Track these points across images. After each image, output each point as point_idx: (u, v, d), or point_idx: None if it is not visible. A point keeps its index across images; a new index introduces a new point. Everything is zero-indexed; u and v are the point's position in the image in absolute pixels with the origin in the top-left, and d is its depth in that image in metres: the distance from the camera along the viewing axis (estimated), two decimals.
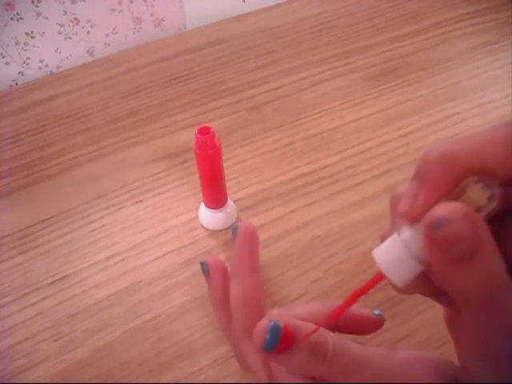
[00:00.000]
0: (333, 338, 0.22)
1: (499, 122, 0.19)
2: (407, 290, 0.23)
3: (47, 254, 0.47)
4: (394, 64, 0.66)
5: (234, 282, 0.26)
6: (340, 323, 0.25)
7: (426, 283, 0.22)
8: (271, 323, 0.22)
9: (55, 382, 0.39)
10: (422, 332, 0.39)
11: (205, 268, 0.28)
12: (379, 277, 0.21)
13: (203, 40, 0.72)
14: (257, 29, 0.73)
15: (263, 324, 0.22)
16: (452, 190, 0.19)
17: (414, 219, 0.19)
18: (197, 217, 0.49)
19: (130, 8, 0.71)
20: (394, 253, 0.19)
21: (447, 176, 0.18)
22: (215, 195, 0.46)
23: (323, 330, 0.23)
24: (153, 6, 0.73)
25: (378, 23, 0.73)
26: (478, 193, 0.18)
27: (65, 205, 0.51)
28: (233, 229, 0.27)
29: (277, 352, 0.21)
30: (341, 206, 0.49)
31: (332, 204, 0.49)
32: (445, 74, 0.63)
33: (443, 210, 0.17)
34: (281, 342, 0.21)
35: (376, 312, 0.27)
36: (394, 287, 0.23)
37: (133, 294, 0.44)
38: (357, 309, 0.26)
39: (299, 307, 0.26)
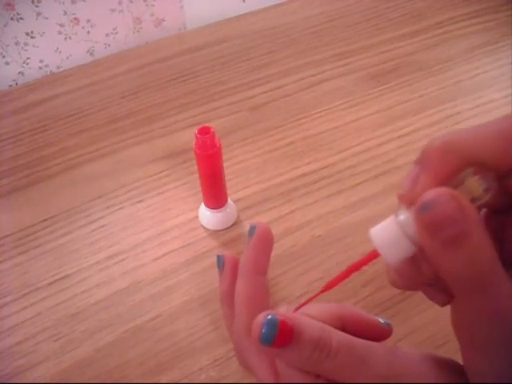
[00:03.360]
0: (336, 334, 0.22)
1: (503, 115, 0.19)
2: (398, 281, 0.23)
3: (47, 254, 0.47)
4: (394, 64, 0.66)
5: (240, 280, 0.26)
6: (348, 328, 0.25)
7: (416, 271, 0.22)
8: (268, 316, 0.22)
9: (55, 382, 0.39)
10: (423, 331, 0.39)
11: (220, 262, 0.28)
12: (373, 253, 0.21)
13: (203, 40, 0.72)
14: (257, 29, 0.73)
15: (261, 317, 0.22)
16: (451, 179, 0.19)
17: (411, 202, 0.20)
18: (197, 217, 0.49)
19: (129, 8, 0.71)
20: (390, 232, 0.20)
21: (447, 164, 0.19)
22: (215, 195, 0.46)
23: (327, 326, 0.23)
24: (153, 5, 0.73)
25: (378, 23, 0.73)
26: (474, 184, 0.18)
27: (65, 205, 0.51)
28: (250, 228, 0.27)
29: (275, 346, 0.21)
30: (341, 206, 0.49)
31: (332, 204, 0.49)
32: (445, 74, 0.63)
33: (431, 192, 0.18)
34: (278, 335, 0.21)
35: (385, 321, 0.26)
36: (390, 280, 0.23)
37: (133, 293, 0.44)
38: (366, 315, 0.26)
39: (309, 306, 0.26)
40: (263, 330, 0.21)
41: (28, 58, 0.69)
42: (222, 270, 0.28)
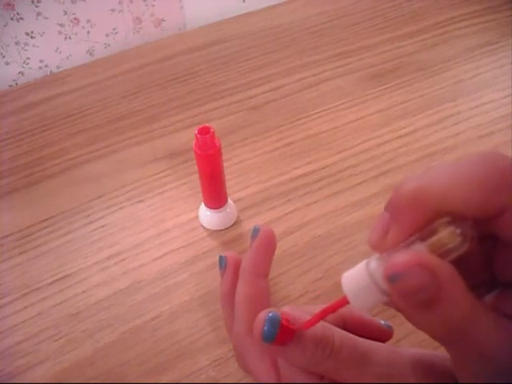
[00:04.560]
0: (339, 333, 0.22)
1: (463, 158, 0.18)
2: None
3: (47, 254, 0.47)
4: (394, 64, 0.66)
5: (241, 281, 0.26)
6: (350, 329, 0.25)
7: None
8: (270, 314, 0.22)
9: (55, 382, 0.39)
10: (422, 332, 0.39)
11: (223, 262, 0.28)
12: (343, 301, 0.21)
13: (203, 40, 0.72)
14: (257, 29, 0.73)
15: (262, 315, 0.22)
16: (423, 228, 0.18)
17: (382, 251, 0.19)
18: (197, 217, 0.49)
19: (130, 8, 0.71)
20: (360, 280, 0.20)
21: (418, 215, 0.18)
22: (215, 195, 0.46)
23: (329, 325, 0.23)
24: (153, 5, 0.73)
25: (378, 23, 0.73)
26: (449, 235, 0.17)
27: (65, 205, 0.51)
28: (253, 230, 0.27)
29: (277, 343, 0.21)
30: (341, 206, 0.49)
31: (332, 204, 0.49)
32: (445, 74, 0.63)
33: (400, 263, 0.17)
34: (280, 332, 0.21)
35: (386, 323, 0.27)
36: None
37: (133, 293, 0.44)
38: (368, 317, 0.26)
39: (311, 307, 0.26)
40: (265, 328, 0.21)
41: (28, 58, 0.69)
42: (224, 271, 0.28)
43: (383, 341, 0.25)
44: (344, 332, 0.23)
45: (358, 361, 0.22)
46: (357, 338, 0.23)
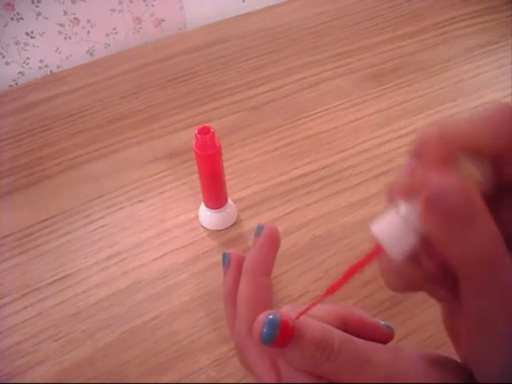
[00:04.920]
0: (339, 335, 0.22)
1: (495, 104, 0.20)
2: (395, 282, 0.23)
3: (47, 254, 0.47)
4: (394, 64, 0.66)
5: (244, 280, 0.26)
6: (351, 330, 0.24)
7: (415, 269, 0.22)
8: (270, 316, 0.22)
9: (55, 382, 0.39)
10: (422, 332, 0.39)
11: (226, 260, 0.28)
12: (377, 250, 0.21)
13: (203, 40, 0.72)
14: (257, 29, 0.73)
15: (262, 317, 0.22)
16: (448, 167, 0.19)
17: (412, 193, 0.20)
18: (197, 217, 0.49)
19: (130, 8, 0.71)
20: (394, 226, 0.20)
21: (445, 151, 0.19)
22: (215, 195, 0.46)
23: (329, 327, 0.22)
24: (153, 5, 0.73)
25: (378, 23, 0.73)
26: (471, 170, 0.19)
27: (65, 205, 0.51)
28: (257, 228, 0.27)
29: (276, 345, 0.21)
30: (341, 206, 0.49)
31: (332, 204, 0.49)
32: (445, 74, 0.63)
33: (438, 182, 0.18)
34: (279, 334, 0.21)
35: (387, 325, 0.26)
36: (386, 281, 0.23)
37: (133, 293, 0.44)
38: (369, 318, 0.26)
39: (317, 307, 0.26)
40: (264, 330, 0.21)
41: (28, 58, 0.69)
42: (227, 269, 0.28)
43: (384, 342, 0.25)
44: (344, 334, 0.23)
45: (358, 362, 0.22)
46: (357, 339, 0.23)
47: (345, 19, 0.74)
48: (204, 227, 0.48)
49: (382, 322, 0.26)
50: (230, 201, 0.48)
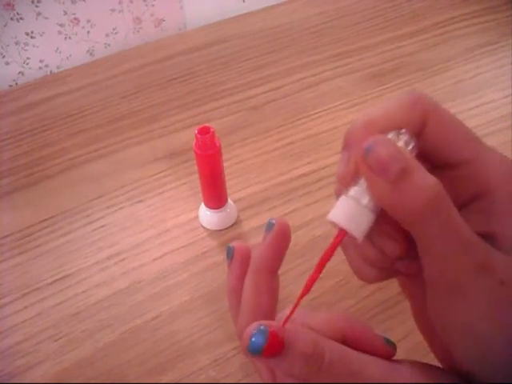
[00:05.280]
0: (331, 347, 0.22)
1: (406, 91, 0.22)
2: (365, 270, 0.24)
3: (47, 254, 0.47)
4: (394, 64, 0.66)
5: (250, 277, 0.26)
6: (349, 343, 0.24)
7: (380, 252, 0.23)
8: (261, 327, 0.21)
9: (55, 382, 0.39)
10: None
11: (230, 253, 0.27)
12: (341, 234, 0.22)
13: (203, 40, 0.72)
14: (257, 29, 0.73)
15: (251, 328, 0.21)
16: None
17: (352, 180, 0.21)
18: (197, 217, 0.49)
19: (130, 8, 0.71)
20: (348, 208, 0.21)
21: (369, 135, 0.21)
22: (215, 195, 0.46)
23: (322, 339, 0.22)
24: (153, 5, 0.73)
25: (378, 23, 0.73)
26: (395, 141, 0.21)
27: (65, 205, 0.51)
28: (268, 224, 0.26)
29: (264, 356, 0.21)
30: None
31: (332, 204, 0.49)
32: (445, 74, 0.63)
33: (370, 138, 0.20)
34: (267, 347, 0.21)
35: (389, 341, 0.26)
36: (358, 275, 0.24)
37: (133, 293, 0.44)
38: (370, 332, 0.25)
39: (312, 314, 0.26)
40: (253, 340, 0.21)
41: (28, 58, 0.69)
42: (231, 263, 0.27)
43: (384, 358, 0.25)
44: (337, 346, 0.22)
45: (349, 377, 0.21)
46: (351, 352, 0.22)
47: (345, 19, 0.74)
48: (204, 227, 0.48)
49: (385, 338, 0.25)
50: (229, 201, 0.48)
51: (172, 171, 0.54)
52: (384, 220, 0.21)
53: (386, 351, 0.25)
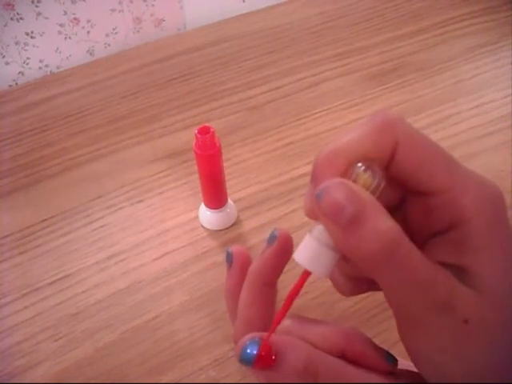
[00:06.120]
0: (326, 362, 0.22)
1: (373, 112, 0.22)
2: (348, 290, 0.24)
3: (47, 254, 0.47)
4: (394, 64, 0.66)
5: (247, 286, 0.25)
6: (349, 358, 0.24)
7: (347, 277, 0.23)
8: (254, 339, 0.21)
9: (55, 382, 0.39)
10: None
11: (229, 258, 0.27)
12: (305, 274, 0.22)
13: (203, 40, 0.72)
14: (257, 29, 0.73)
15: (245, 339, 0.21)
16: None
17: (316, 217, 0.21)
18: (197, 217, 0.49)
19: (130, 8, 0.71)
20: (311, 249, 0.22)
21: (334, 170, 0.20)
22: (215, 195, 0.46)
23: (317, 353, 0.22)
24: (153, 5, 0.73)
25: (378, 23, 0.73)
26: (361, 175, 0.20)
27: (65, 205, 0.51)
28: (271, 236, 0.26)
29: (255, 368, 0.21)
30: None
31: None
32: (445, 74, 0.63)
33: (324, 183, 0.19)
34: (257, 359, 0.21)
35: (391, 357, 0.25)
36: (338, 288, 0.24)
37: (133, 293, 0.44)
38: (372, 350, 0.24)
39: (311, 327, 0.25)
40: (245, 350, 0.21)
41: (28, 58, 0.69)
42: (230, 268, 0.27)
43: (384, 373, 0.24)
44: (333, 361, 0.22)
45: None
46: (348, 368, 0.22)
47: (345, 19, 0.74)
48: (204, 227, 0.48)
49: (385, 353, 0.25)
50: (229, 201, 0.48)
51: (172, 171, 0.54)
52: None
53: (386, 367, 0.24)
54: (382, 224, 0.18)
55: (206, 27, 0.74)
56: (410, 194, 0.22)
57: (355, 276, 0.24)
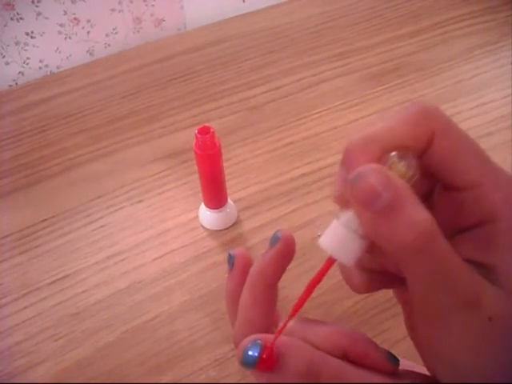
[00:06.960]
0: (328, 364, 0.21)
1: (412, 103, 0.21)
2: (359, 285, 0.24)
3: (47, 254, 0.47)
4: (394, 64, 0.66)
5: (248, 287, 0.25)
6: (351, 359, 0.24)
7: (373, 266, 0.22)
8: (256, 341, 0.21)
9: (55, 382, 0.39)
10: None
11: (231, 261, 0.27)
12: (330, 261, 0.21)
13: (203, 40, 0.72)
14: (257, 29, 0.73)
15: (246, 341, 0.21)
16: None
17: (346, 202, 0.20)
18: (197, 217, 0.49)
19: (130, 8, 0.71)
20: (338, 235, 0.21)
21: (368, 156, 0.20)
22: (215, 195, 0.46)
23: (320, 354, 0.22)
24: (153, 5, 0.73)
25: (378, 23, 0.73)
26: (396, 164, 0.20)
27: (65, 205, 0.51)
28: (273, 237, 0.26)
29: (257, 370, 0.21)
30: None
31: (332, 204, 0.49)
32: (445, 74, 0.63)
33: (359, 168, 0.19)
34: (259, 362, 0.21)
35: (393, 358, 0.25)
36: (350, 283, 0.24)
37: (133, 293, 0.44)
38: (374, 351, 0.24)
39: (313, 328, 0.25)
40: (246, 353, 0.21)
41: (28, 58, 0.69)
42: (231, 270, 0.27)
43: (386, 374, 0.24)
44: (335, 363, 0.22)
45: None
46: (351, 370, 0.22)
47: (345, 19, 0.74)
48: (204, 227, 0.48)
49: (388, 354, 0.25)
50: (229, 201, 0.48)
51: (172, 171, 0.54)
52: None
53: (388, 368, 0.24)
54: (418, 214, 0.18)
55: (206, 27, 0.74)
56: (439, 186, 0.21)
57: (373, 269, 0.23)
